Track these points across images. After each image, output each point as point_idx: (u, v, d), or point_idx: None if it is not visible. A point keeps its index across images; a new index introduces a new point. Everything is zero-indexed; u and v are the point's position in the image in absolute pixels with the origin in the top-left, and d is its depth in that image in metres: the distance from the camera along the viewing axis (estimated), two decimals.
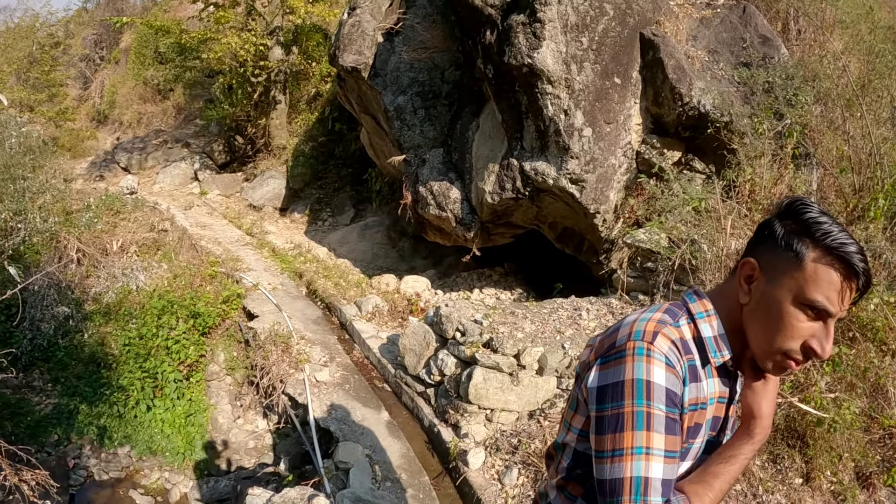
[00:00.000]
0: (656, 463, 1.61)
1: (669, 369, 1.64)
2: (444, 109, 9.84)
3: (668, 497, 1.62)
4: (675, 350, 1.68)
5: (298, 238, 14.02)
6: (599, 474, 1.68)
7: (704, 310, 1.79)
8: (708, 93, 7.51)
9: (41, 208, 10.43)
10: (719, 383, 1.80)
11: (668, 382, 1.63)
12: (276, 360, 8.11)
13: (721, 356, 1.75)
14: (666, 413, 1.62)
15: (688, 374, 1.70)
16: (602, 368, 1.73)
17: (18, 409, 8.42)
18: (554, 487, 2.06)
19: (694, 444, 1.78)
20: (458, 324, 6.53)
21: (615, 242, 8.06)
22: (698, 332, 1.77)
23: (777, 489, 4.87)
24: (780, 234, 1.65)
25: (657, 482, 1.60)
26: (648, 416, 1.61)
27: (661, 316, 1.77)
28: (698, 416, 1.74)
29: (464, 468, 5.73)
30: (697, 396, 1.72)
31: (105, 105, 24.76)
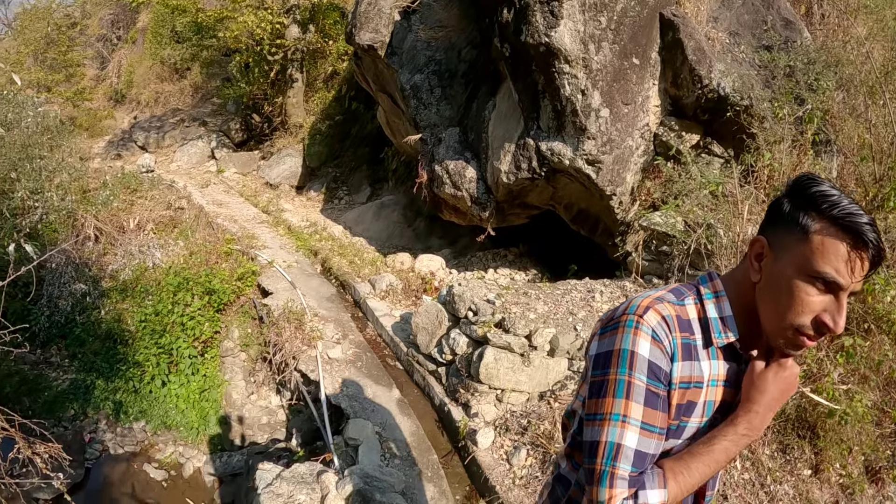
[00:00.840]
0: (631, 432, 1.66)
1: (655, 343, 1.68)
2: (461, 89, 9.79)
3: (643, 468, 1.68)
4: (663, 325, 1.70)
5: (314, 216, 14.04)
6: (583, 436, 1.79)
7: (714, 291, 1.79)
8: (728, 75, 7.43)
9: (58, 187, 10.50)
10: (723, 366, 1.78)
11: (651, 355, 1.67)
12: (289, 337, 8.14)
13: (725, 337, 1.75)
14: (647, 385, 1.67)
15: (679, 351, 1.71)
16: (600, 338, 1.80)
17: (36, 384, 8.52)
18: (563, 456, 2.10)
19: (689, 423, 1.78)
20: (471, 303, 6.52)
21: (630, 225, 8.01)
22: (704, 312, 1.77)
23: (785, 479, 4.84)
24: (787, 210, 1.65)
25: (629, 451, 1.66)
26: (629, 385, 1.67)
27: (663, 294, 1.79)
28: (691, 394, 1.74)
29: (473, 447, 5.74)
30: (691, 375, 1.73)
31: (122, 85, 24.80)
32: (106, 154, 19.19)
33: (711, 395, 1.78)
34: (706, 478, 1.75)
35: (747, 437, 1.73)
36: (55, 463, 5.18)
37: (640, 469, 1.68)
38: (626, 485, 1.66)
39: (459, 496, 5.50)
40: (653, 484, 1.68)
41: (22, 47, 24.31)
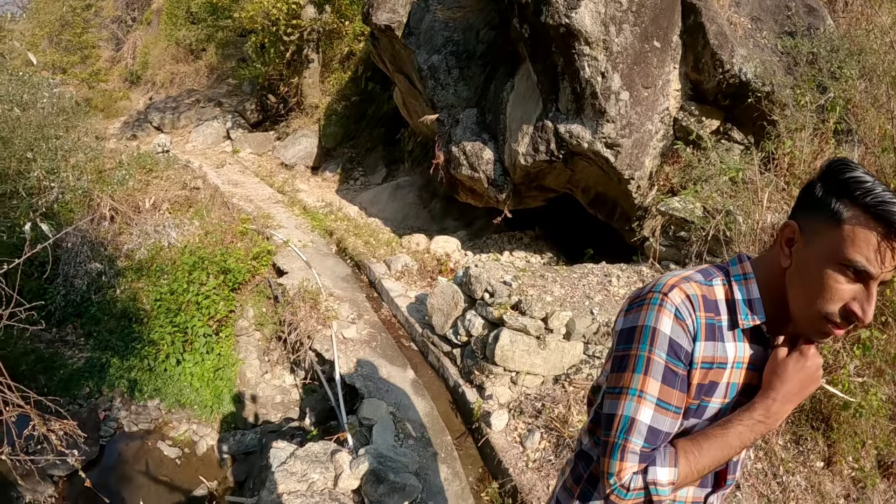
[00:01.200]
0: (646, 408, 1.69)
1: (678, 321, 1.68)
2: (479, 70, 9.72)
3: (656, 445, 1.70)
4: (687, 304, 1.69)
5: (330, 196, 14.04)
6: (603, 408, 1.82)
7: (742, 273, 1.77)
8: (750, 61, 7.33)
9: (74, 167, 10.54)
10: (749, 349, 1.76)
11: (673, 333, 1.68)
12: (304, 317, 8.13)
13: (751, 319, 1.73)
14: (666, 362, 1.68)
15: (702, 331, 1.70)
16: (626, 314, 1.82)
17: (51, 362, 8.57)
18: (586, 432, 2.12)
19: (711, 404, 1.77)
20: (487, 284, 6.49)
21: (648, 210, 7.95)
22: (732, 293, 1.75)
23: (798, 471, 4.81)
24: (819, 195, 1.62)
25: (643, 426, 1.69)
26: (648, 361, 1.69)
27: (691, 273, 1.79)
28: (714, 374, 1.73)
29: (486, 429, 5.71)
30: (714, 355, 1.72)
31: (137, 66, 24.83)
32: (121, 135, 19.23)
33: (735, 377, 1.76)
34: (718, 462, 1.74)
35: (763, 424, 1.71)
36: (70, 440, 5.19)
37: (653, 445, 1.70)
38: (637, 459, 1.69)
39: (472, 478, 5.49)
40: (663, 461, 1.70)
41: (37, 29, 24.34)
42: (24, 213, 8.93)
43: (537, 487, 5.03)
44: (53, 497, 6.74)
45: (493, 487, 5.23)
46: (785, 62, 7.67)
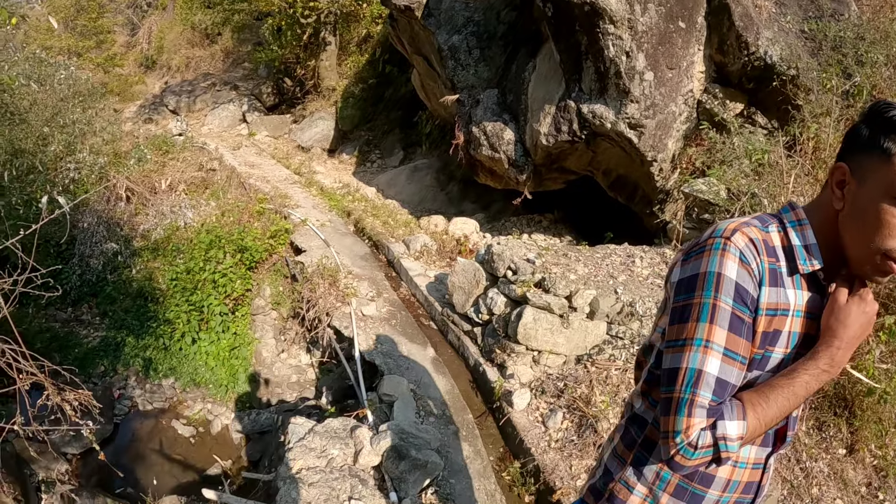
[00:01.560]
0: (713, 358, 1.62)
1: (743, 265, 1.62)
2: (500, 50, 9.63)
3: (723, 398, 1.63)
4: (751, 248, 1.64)
5: (347, 178, 14.02)
6: (663, 364, 1.74)
7: (797, 219, 1.72)
8: (775, 43, 7.22)
9: (91, 148, 10.56)
10: (808, 296, 1.71)
11: (738, 277, 1.62)
12: (323, 294, 8.09)
13: (811, 265, 1.67)
14: (732, 308, 1.61)
15: (766, 276, 1.65)
16: (683, 264, 1.75)
17: (67, 341, 8.59)
18: (639, 395, 2.03)
19: (774, 354, 1.70)
20: (511, 262, 6.41)
21: (670, 193, 7.88)
22: (788, 240, 1.70)
23: (821, 457, 4.75)
24: (866, 135, 1.58)
25: (710, 377, 1.61)
26: (714, 308, 1.62)
27: (748, 220, 1.72)
28: (778, 322, 1.67)
29: (508, 408, 5.65)
30: (778, 301, 1.66)
31: (153, 50, 24.85)
32: (137, 118, 19.25)
33: (796, 325, 1.70)
34: (785, 412, 1.66)
35: (827, 373, 1.65)
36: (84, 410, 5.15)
37: (720, 399, 1.62)
38: (705, 414, 1.60)
39: (493, 457, 5.44)
40: (732, 415, 1.61)
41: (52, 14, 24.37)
42: (40, 188, 8.92)
43: (560, 467, 4.97)
44: (67, 475, 6.72)
45: (515, 467, 5.18)
46: (809, 47, 7.56)
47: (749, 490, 1.90)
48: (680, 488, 1.89)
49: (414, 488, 4.78)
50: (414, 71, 12.51)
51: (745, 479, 1.86)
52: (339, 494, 4.56)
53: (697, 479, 1.86)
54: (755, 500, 1.93)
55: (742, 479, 1.86)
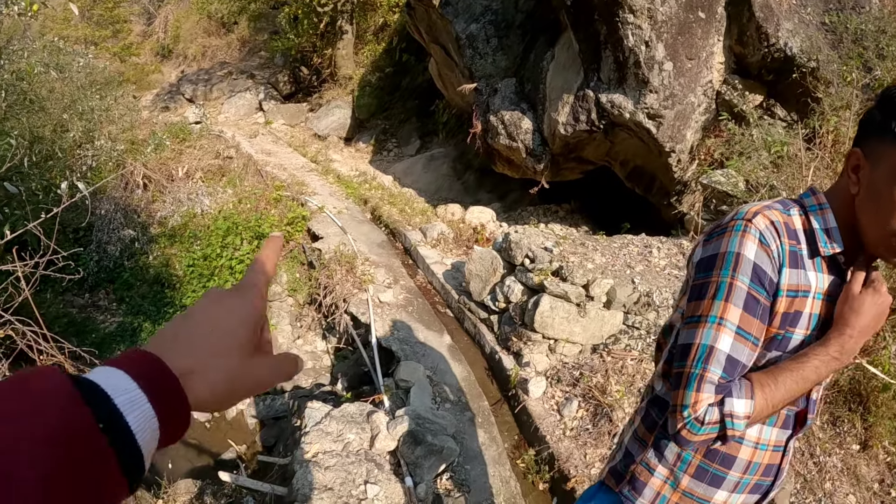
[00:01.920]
0: (726, 335, 1.63)
1: (762, 246, 1.64)
2: (518, 39, 9.61)
3: (732, 377, 1.64)
4: (772, 229, 1.65)
5: (363, 167, 14.05)
6: (678, 340, 1.76)
7: (818, 203, 1.72)
8: (795, 35, 7.17)
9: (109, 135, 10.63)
10: (829, 279, 1.71)
11: (756, 258, 1.63)
12: (340, 280, 8.12)
13: (831, 248, 1.68)
14: (748, 288, 1.63)
15: (787, 258, 1.66)
16: (705, 244, 1.76)
17: (84, 326, 8.63)
18: (659, 376, 2.04)
19: (794, 335, 1.70)
20: (528, 250, 6.41)
21: (687, 185, 7.85)
22: (809, 224, 1.71)
23: (834, 452, 4.72)
24: (879, 120, 1.59)
25: (721, 355, 1.63)
26: (730, 286, 1.64)
27: (771, 203, 1.73)
28: (798, 303, 1.68)
29: (523, 396, 5.64)
30: (799, 283, 1.67)
31: (169, 40, 24.92)
32: (154, 107, 19.34)
33: (817, 307, 1.70)
34: (793, 396, 1.67)
35: (838, 361, 1.65)
36: None
37: (730, 377, 1.64)
38: (714, 390, 1.63)
39: (508, 444, 5.44)
40: (740, 393, 1.63)
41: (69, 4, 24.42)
42: (59, 174, 8.98)
43: (574, 456, 4.97)
44: None
45: (530, 454, 5.18)
46: (830, 39, 7.50)
47: (769, 472, 1.90)
48: (701, 469, 1.90)
49: (429, 473, 4.80)
50: (431, 60, 12.50)
51: (765, 462, 1.87)
52: (354, 478, 4.58)
53: (718, 460, 1.87)
54: (774, 483, 1.93)
55: (763, 462, 1.87)
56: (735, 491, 1.90)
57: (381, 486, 4.54)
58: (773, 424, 1.82)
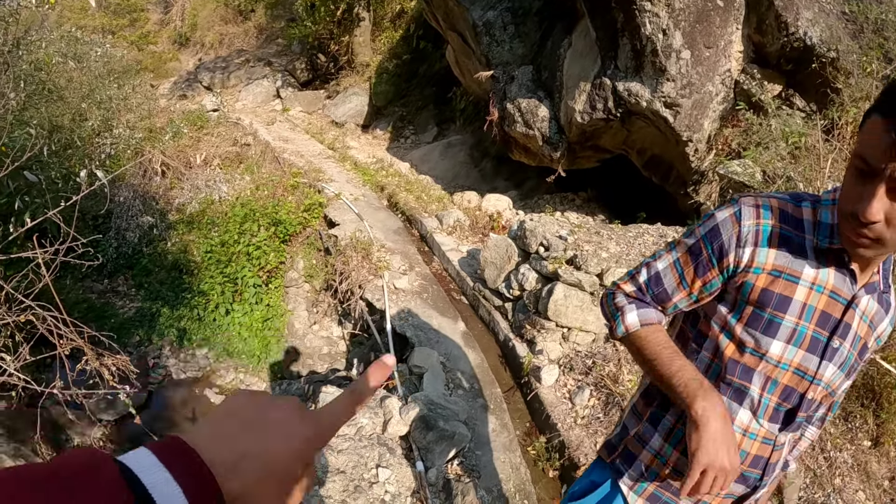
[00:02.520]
0: (665, 260, 1.88)
1: (733, 219, 1.73)
2: (535, 26, 9.57)
3: (656, 291, 1.88)
4: (752, 211, 1.73)
5: (380, 154, 14.07)
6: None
7: (832, 198, 1.71)
8: (815, 24, 7.09)
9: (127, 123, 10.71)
10: (834, 275, 1.69)
11: (722, 224, 1.75)
12: (356, 266, 8.15)
13: (829, 243, 1.66)
14: (700, 239, 1.79)
15: (769, 238, 1.71)
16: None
17: (103, 312, 8.70)
18: None
19: (784, 321, 1.71)
20: (543, 238, 6.42)
21: (704, 174, 7.80)
22: (817, 217, 1.72)
23: (845, 448, 4.70)
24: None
25: (653, 269, 1.90)
26: (692, 233, 1.83)
27: (781, 194, 1.78)
28: (783, 286, 1.70)
29: (536, 384, 5.66)
30: (784, 266, 1.70)
31: (186, 28, 24.98)
32: (171, 95, 19.41)
33: (814, 299, 1.70)
34: (651, 369, 1.83)
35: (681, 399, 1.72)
36: (122, 376, 5.25)
37: (654, 290, 1.88)
38: (634, 287, 1.93)
39: (520, 431, 5.46)
40: (642, 314, 1.87)
41: None
42: (78, 163, 9.06)
43: (585, 444, 4.98)
44: (101, 440, 6.85)
45: (541, 442, 5.19)
46: (850, 29, 7.41)
47: (757, 464, 1.89)
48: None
49: (440, 458, 4.83)
50: (448, 47, 12.48)
51: (753, 452, 1.86)
52: (367, 462, 4.62)
53: None
54: (762, 478, 1.92)
55: (750, 451, 1.86)
56: None
57: (392, 470, 4.58)
58: (763, 416, 1.82)
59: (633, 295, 1.91)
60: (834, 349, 1.73)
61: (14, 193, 6.70)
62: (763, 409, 1.81)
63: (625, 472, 2.08)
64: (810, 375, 1.75)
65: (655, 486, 2.03)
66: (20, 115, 8.25)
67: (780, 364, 1.74)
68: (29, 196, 7.33)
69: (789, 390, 1.78)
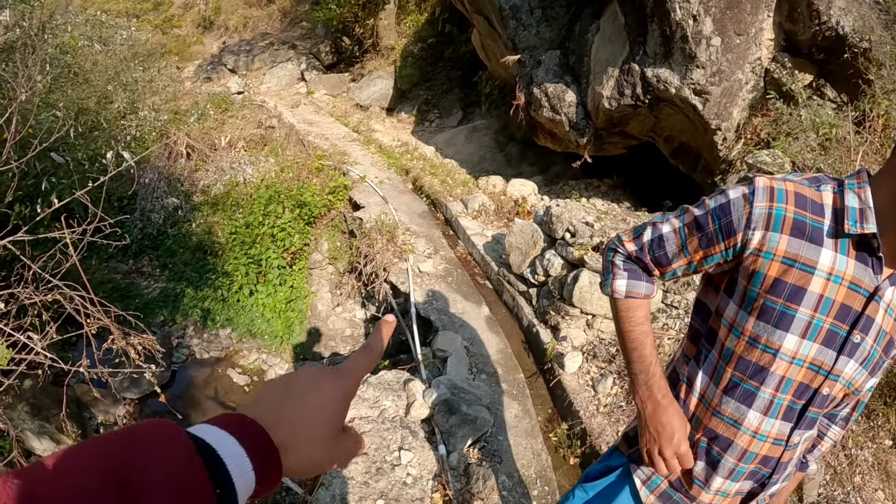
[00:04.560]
0: (670, 224, 1.87)
1: (745, 200, 1.67)
2: (562, 10, 9.49)
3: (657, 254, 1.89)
4: (766, 193, 1.65)
5: (405, 137, 14.07)
6: None
7: (858, 181, 1.63)
8: (847, 14, 6.96)
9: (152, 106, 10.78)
10: (852, 264, 1.61)
11: (733, 203, 1.70)
12: (381, 249, 8.18)
13: (860, 227, 1.57)
14: (709, 212, 1.75)
15: (783, 223, 1.62)
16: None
17: (127, 291, 8.80)
18: (680, 353, 2.09)
19: (798, 313, 1.64)
20: (569, 224, 6.38)
21: (733, 163, 7.72)
22: (842, 202, 1.62)
23: (866, 446, 4.64)
24: None
25: (657, 231, 1.89)
26: (703, 204, 1.80)
27: (798, 176, 1.72)
28: (797, 276, 1.62)
29: (559, 370, 5.65)
30: (799, 253, 1.61)
31: (210, 11, 24.99)
32: (196, 77, 19.45)
33: (832, 291, 1.61)
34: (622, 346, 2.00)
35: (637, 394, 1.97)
36: (148, 355, 5.30)
37: (655, 252, 1.89)
38: (635, 247, 1.93)
39: (542, 417, 5.46)
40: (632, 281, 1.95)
41: None
42: (104, 144, 9.13)
43: (606, 432, 4.98)
44: (125, 418, 6.93)
45: (562, 428, 5.19)
46: (884, 20, 7.28)
47: (766, 463, 1.87)
48: (701, 449, 1.92)
49: (462, 442, 4.84)
50: (474, 30, 12.41)
51: (762, 452, 1.84)
52: (389, 444, 4.64)
53: (717, 443, 1.87)
54: (772, 475, 1.90)
55: (760, 452, 1.84)
56: (730, 478, 1.90)
57: (414, 453, 4.60)
58: (776, 416, 1.78)
59: (634, 254, 1.93)
60: (855, 344, 1.65)
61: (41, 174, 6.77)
62: (776, 409, 1.77)
63: (640, 465, 2.10)
64: (825, 370, 1.69)
65: (668, 485, 2.05)
66: (47, 97, 8.32)
67: (794, 360, 1.68)
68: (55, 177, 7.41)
69: (803, 387, 1.73)
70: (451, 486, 4.45)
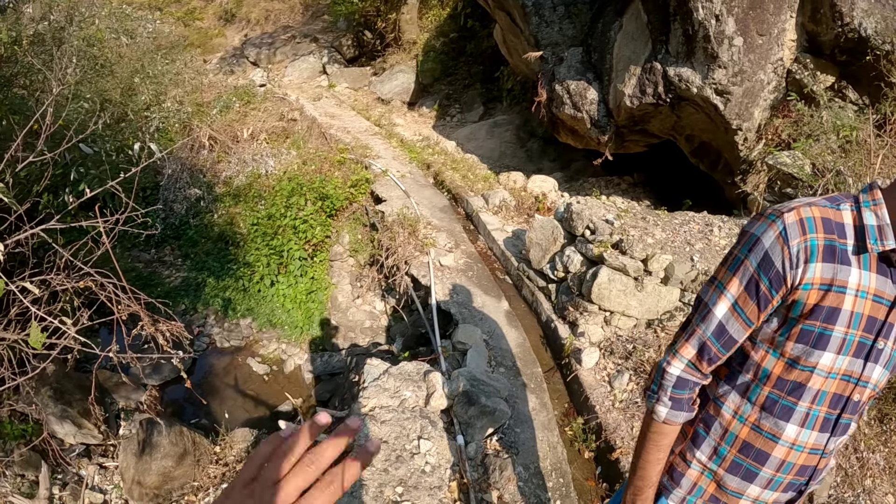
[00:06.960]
0: (723, 304, 1.80)
1: (780, 240, 1.67)
2: (585, 8, 9.53)
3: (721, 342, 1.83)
4: (798, 227, 1.66)
5: (426, 131, 14.10)
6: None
7: (872, 199, 1.68)
8: (871, 15, 6.96)
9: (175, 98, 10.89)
10: (875, 279, 1.67)
11: (770, 248, 1.69)
12: (402, 242, 8.25)
13: (882, 245, 1.64)
14: (754, 272, 1.72)
15: (818, 252, 1.66)
16: (748, 221, 1.83)
17: (150, 280, 8.91)
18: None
19: (834, 332, 1.69)
20: (589, 222, 6.43)
21: (753, 164, 7.73)
22: (861, 220, 1.68)
23: (878, 449, 4.66)
24: None
25: (715, 320, 1.82)
26: (741, 264, 1.75)
27: (816, 200, 1.73)
28: (833, 298, 1.67)
29: (576, 365, 5.71)
30: (833, 277, 1.66)
31: (232, 4, 25.06)
32: (218, 70, 19.53)
33: (860, 306, 1.67)
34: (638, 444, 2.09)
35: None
36: (175, 341, 5.39)
37: (718, 341, 1.83)
38: (695, 348, 1.87)
39: (558, 411, 5.52)
40: (674, 413, 1.95)
41: None
42: (132, 135, 9.26)
43: (622, 427, 5.03)
44: (146, 404, 7.03)
45: (578, 423, 5.24)
46: None
47: (803, 473, 1.93)
48: (735, 464, 1.96)
49: (480, 434, 4.91)
50: (496, 26, 12.44)
51: (800, 462, 1.89)
52: (409, 433, 4.72)
53: (752, 455, 1.92)
54: (809, 482, 1.96)
55: (797, 462, 1.89)
56: (768, 488, 1.95)
57: (433, 443, 4.67)
58: (812, 427, 1.83)
59: (693, 361, 1.88)
60: (879, 350, 1.72)
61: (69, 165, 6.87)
62: (812, 420, 1.82)
63: (672, 489, 2.14)
64: (855, 378, 1.75)
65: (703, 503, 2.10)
66: (75, 89, 8.44)
67: (829, 375, 1.74)
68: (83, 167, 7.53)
69: (837, 397, 1.79)
70: (468, 475, 4.53)
